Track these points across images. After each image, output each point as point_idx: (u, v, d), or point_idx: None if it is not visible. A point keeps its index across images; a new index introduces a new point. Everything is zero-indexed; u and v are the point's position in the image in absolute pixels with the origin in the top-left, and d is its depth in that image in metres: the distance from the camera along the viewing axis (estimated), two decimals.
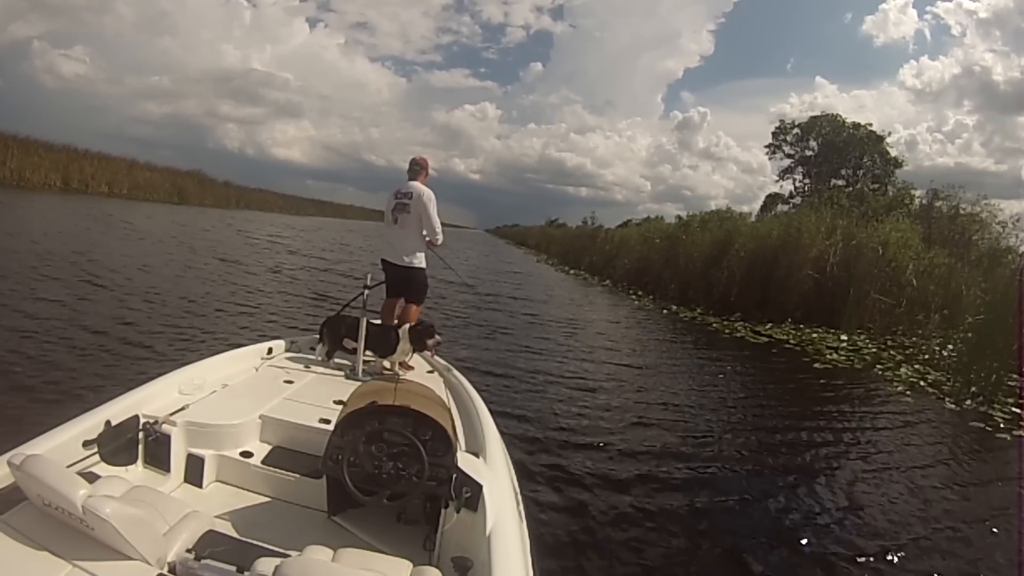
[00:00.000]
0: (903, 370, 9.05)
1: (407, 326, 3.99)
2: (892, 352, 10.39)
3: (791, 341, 11.14)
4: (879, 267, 13.17)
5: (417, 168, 4.52)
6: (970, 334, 9.86)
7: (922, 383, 8.30)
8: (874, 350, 10.52)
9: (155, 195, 49.96)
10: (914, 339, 11.65)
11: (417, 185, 4.43)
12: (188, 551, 1.71)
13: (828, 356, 9.84)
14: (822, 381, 8.19)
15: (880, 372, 8.97)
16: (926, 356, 10.07)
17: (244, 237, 23.59)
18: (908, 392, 7.82)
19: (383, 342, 3.92)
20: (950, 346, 10.25)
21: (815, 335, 11.81)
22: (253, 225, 33.14)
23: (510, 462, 2.77)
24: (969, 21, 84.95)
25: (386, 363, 3.96)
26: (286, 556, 1.56)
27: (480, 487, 2.07)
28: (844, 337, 11.59)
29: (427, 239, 4.51)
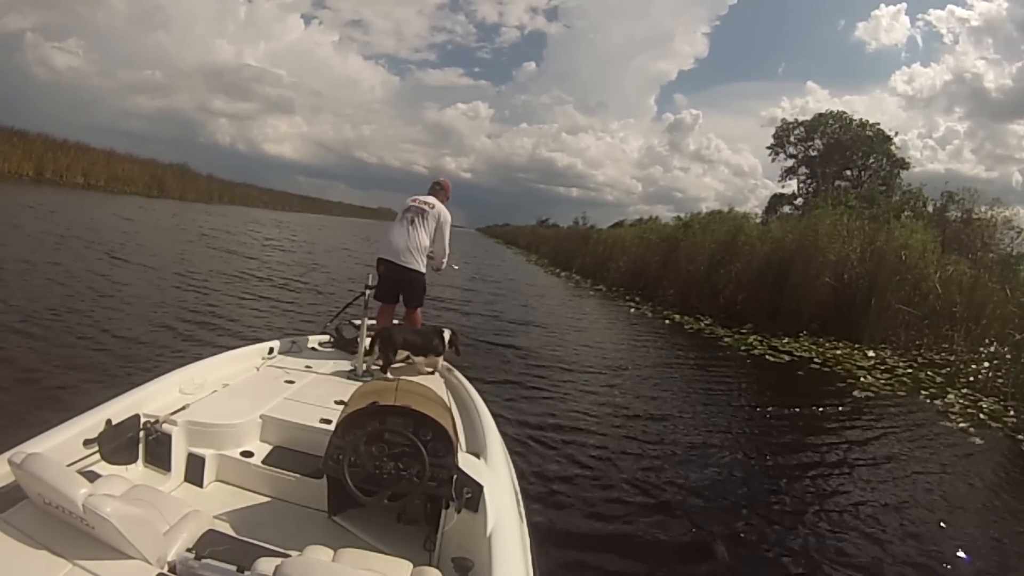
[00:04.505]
0: (951, 397, 7.86)
1: (448, 331, 4.04)
2: (929, 373, 9.13)
3: (816, 360, 9.86)
4: (901, 274, 11.98)
5: (438, 188, 4.65)
6: (1008, 351, 8.91)
7: (981, 415, 7.12)
8: (909, 370, 9.27)
9: (133, 187, 48.95)
10: (942, 354, 10.61)
11: (438, 202, 4.55)
12: (188, 550, 1.70)
13: (863, 379, 8.58)
14: (868, 416, 6.95)
15: (927, 400, 7.76)
16: (969, 378, 8.82)
17: (181, 232, 20.04)
18: (971, 428, 6.60)
19: (428, 344, 3.91)
20: (986, 364, 9.07)
21: (838, 351, 10.68)
22: (210, 220, 29.40)
23: (511, 463, 2.74)
24: (961, 29, 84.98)
25: (420, 360, 3.92)
26: (286, 556, 1.56)
27: (481, 488, 2.05)
28: (871, 353, 10.43)
29: (430, 255, 4.57)
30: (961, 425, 6.71)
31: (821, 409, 6.97)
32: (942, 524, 4.15)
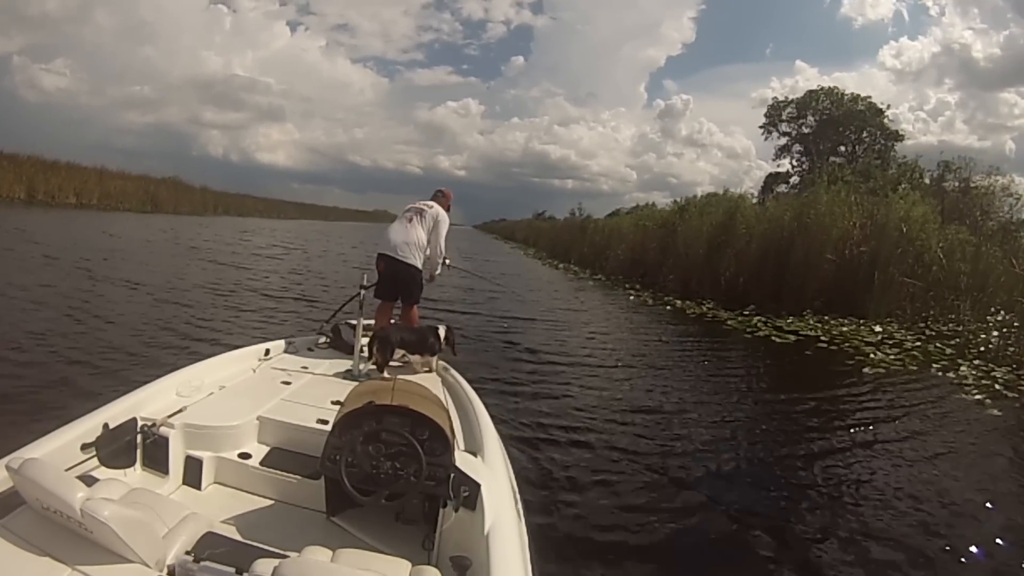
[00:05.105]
0: (964, 368, 7.68)
1: (443, 327, 4.02)
2: (939, 345, 8.98)
3: (823, 338, 9.69)
4: (903, 247, 11.80)
5: (440, 195, 4.82)
6: (1015, 319, 8.87)
7: (996, 385, 6.92)
8: (918, 344, 9.12)
9: (127, 204, 48.64)
10: (950, 325, 10.53)
11: (438, 206, 4.69)
12: (187, 553, 1.70)
13: (872, 355, 8.38)
14: (881, 392, 6.72)
15: (940, 373, 7.56)
16: (980, 348, 8.66)
17: (171, 247, 19.31)
18: (988, 399, 6.40)
19: (424, 343, 3.89)
20: (995, 333, 8.93)
21: (844, 328, 10.52)
22: (202, 231, 28.56)
23: (508, 461, 2.72)
24: (947, 0, 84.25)
25: (416, 359, 3.88)
26: (285, 557, 1.56)
27: (478, 486, 2.06)
28: (877, 328, 10.28)
29: (427, 260, 4.61)
30: (977, 396, 6.52)
31: (833, 388, 6.82)
32: (970, 499, 3.98)
